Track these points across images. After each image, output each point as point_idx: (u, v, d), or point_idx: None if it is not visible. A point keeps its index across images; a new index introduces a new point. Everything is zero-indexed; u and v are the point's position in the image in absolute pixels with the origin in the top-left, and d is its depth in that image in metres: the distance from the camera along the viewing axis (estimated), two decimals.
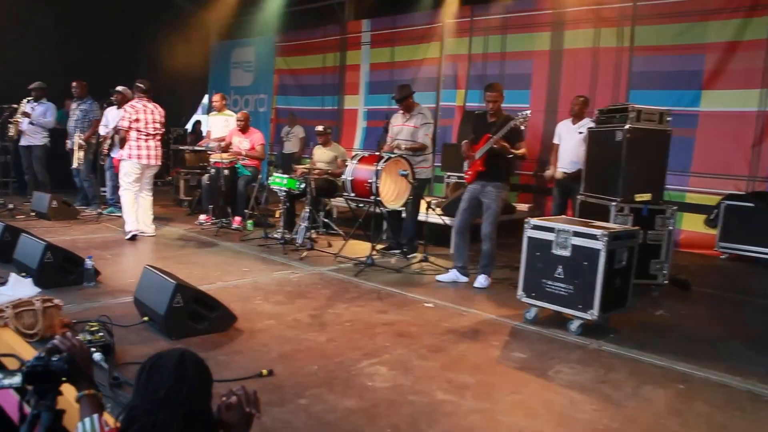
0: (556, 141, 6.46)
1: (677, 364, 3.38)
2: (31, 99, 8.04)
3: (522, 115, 4.83)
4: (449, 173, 8.23)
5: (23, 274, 4.01)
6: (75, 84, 7.97)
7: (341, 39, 11.11)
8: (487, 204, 4.96)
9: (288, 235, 6.34)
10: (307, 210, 6.21)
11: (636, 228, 4.20)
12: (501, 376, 3.13)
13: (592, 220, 4.26)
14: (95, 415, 1.55)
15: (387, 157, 5.67)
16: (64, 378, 1.53)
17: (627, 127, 4.80)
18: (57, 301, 3.32)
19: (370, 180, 5.58)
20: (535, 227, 4.04)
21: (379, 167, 5.50)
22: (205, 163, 8.40)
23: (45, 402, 1.48)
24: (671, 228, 4.98)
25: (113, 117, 7.39)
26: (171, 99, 10.17)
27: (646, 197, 4.94)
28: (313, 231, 6.47)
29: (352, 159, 6.15)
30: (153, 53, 10.44)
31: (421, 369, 3.16)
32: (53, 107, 8.25)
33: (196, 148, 9.31)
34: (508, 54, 8.60)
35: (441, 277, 5.18)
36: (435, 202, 6.60)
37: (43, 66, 9.06)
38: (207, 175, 7.47)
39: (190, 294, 3.44)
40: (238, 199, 7.22)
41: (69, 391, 1.58)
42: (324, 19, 11.45)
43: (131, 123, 6.17)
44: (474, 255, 5.35)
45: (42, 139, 8.14)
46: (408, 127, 6.01)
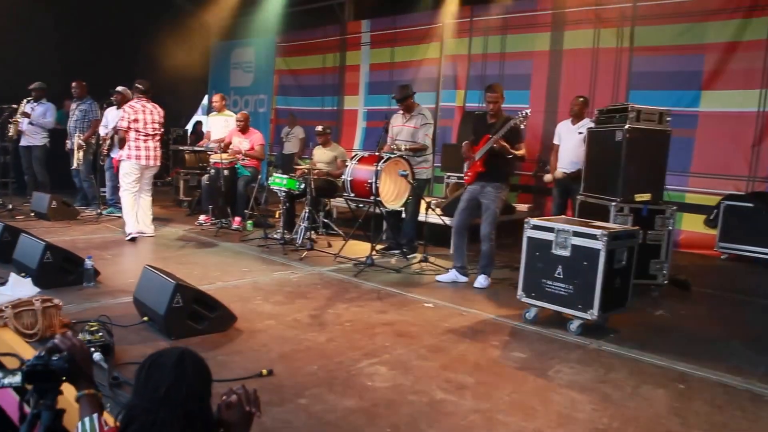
0: (556, 141, 6.46)
1: (677, 363, 3.38)
2: (31, 99, 8.03)
3: (521, 114, 4.83)
4: (449, 173, 8.24)
5: (23, 274, 4.00)
6: (74, 84, 7.97)
7: (341, 39, 11.11)
8: (486, 204, 4.96)
9: (288, 236, 6.35)
10: (307, 210, 6.21)
11: (636, 228, 4.21)
12: (501, 375, 3.13)
13: (591, 220, 4.26)
14: (95, 415, 1.55)
15: (387, 158, 5.67)
16: (64, 377, 1.52)
17: (627, 127, 4.80)
18: (56, 301, 3.32)
19: (369, 180, 5.58)
20: (535, 227, 4.04)
21: (379, 167, 5.50)
22: (205, 164, 8.42)
23: (45, 401, 1.47)
24: (671, 228, 4.99)
25: (113, 117, 7.39)
26: (171, 99, 10.17)
27: (645, 197, 4.95)
28: (313, 231, 6.47)
29: (351, 159, 6.16)
30: (153, 53, 10.44)
31: (421, 369, 3.16)
32: (53, 107, 8.25)
33: (195, 148, 9.32)
34: (507, 54, 8.60)
35: (441, 278, 5.18)
36: (435, 202, 6.60)
37: (43, 66, 9.06)
38: (207, 176, 7.48)
39: (189, 294, 3.44)
40: (237, 200, 7.22)
41: (69, 391, 1.58)
42: (324, 20, 11.45)
43: (130, 123, 6.17)
44: (474, 255, 5.35)
45: (42, 140, 8.14)
46: (408, 128, 6.01)
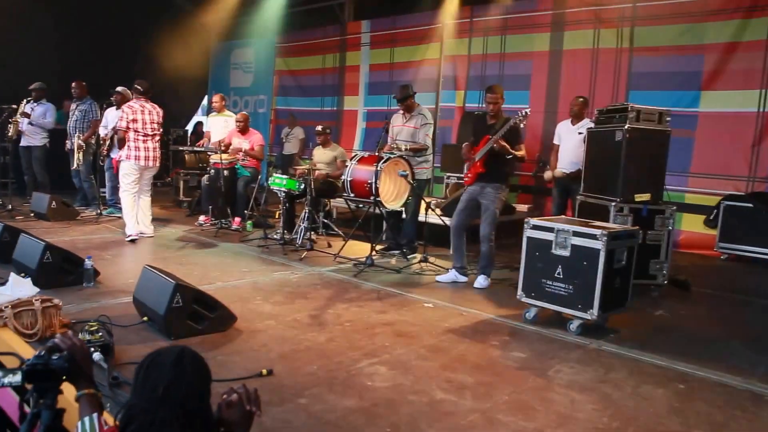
0: (556, 141, 6.46)
1: (677, 363, 3.38)
2: (31, 99, 8.03)
3: (521, 114, 4.83)
4: (449, 174, 8.24)
5: (22, 274, 3.99)
6: (74, 84, 7.96)
7: (341, 40, 11.11)
8: (486, 205, 4.95)
9: (287, 236, 6.35)
10: (307, 210, 6.21)
11: (635, 228, 4.21)
12: (501, 375, 3.13)
13: (591, 220, 4.26)
14: (94, 414, 1.55)
15: (386, 158, 5.67)
16: (64, 377, 1.52)
17: (626, 127, 4.81)
18: (56, 301, 3.32)
19: (369, 180, 5.58)
20: (535, 227, 4.04)
21: (379, 168, 5.50)
22: (205, 164, 8.42)
23: (45, 401, 1.47)
24: (671, 228, 4.99)
25: (113, 118, 7.39)
26: (171, 100, 10.19)
27: (645, 197, 4.95)
28: (313, 232, 6.47)
29: (351, 159, 6.16)
30: (153, 54, 10.45)
31: (421, 369, 3.16)
32: (53, 108, 8.24)
33: (195, 148, 9.32)
34: (507, 55, 8.60)
35: (440, 278, 5.18)
36: (434, 202, 6.60)
37: (43, 66, 9.07)
38: (206, 176, 7.48)
39: (189, 294, 3.44)
40: (237, 200, 7.22)
41: (69, 391, 1.58)
42: (324, 20, 11.45)
43: (129, 123, 6.17)
44: (474, 256, 5.35)
45: (41, 140, 8.14)
46: (408, 128, 6.01)
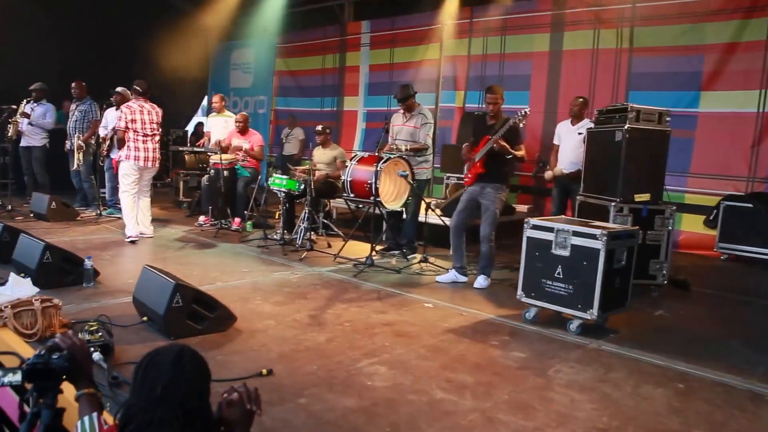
0: (555, 142, 6.46)
1: (677, 363, 3.38)
2: (31, 100, 8.03)
3: (520, 113, 4.83)
4: (449, 174, 8.24)
5: (22, 274, 3.99)
6: (74, 85, 7.97)
7: (341, 40, 11.11)
8: (486, 205, 4.95)
9: (287, 236, 6.34)
10: (307, 211, 6.21)
11: (635, 228, 4.21)
12: (500, 375, 3.13)
13: (591, 220, 4.26)
14: (94, 414, 1.55)
15: (386, 158, 5.67)
16: (64, 376, 1.52)
17: (626, 127, 4.80)
18: (56, 301, 3.32)
19: (369, 181, 5.58)
20: (535, 227, 4.04)
21: (379, 168, 5.50)
22: (205, 165, 8.42)
23: (45, 400, 1.47)
24: (670, 228, 4.99)
25: (112, 118, 7.38)
26: (171, 100, 10.19)
27: (645, 197, 4.95)
28: (313, 232, 6.47)
29: (351, 160, 6.16)
30: (152, 54, 10.45)
31: (421, 368, 3.16)
32: (53, 108, 8.24)
33: (195, 149, 9.32)
34: (507, 55, 8.60)
35: (440, 278, 5.18)
36: (434, 203, 6.60)
37: (43, 66, 9.06)
38: (206, 177, 7.48)
39: (189, 294, 3.43)
40: (237, 201, 7.22)
41: (68, 390, 1.58)
42: (323, 21, 11.45)
43: (128, 123, 6.17)
44: (474, 256, 5.35)
45: (41, 140, 8.13)
46: (408, 127, 6.01)
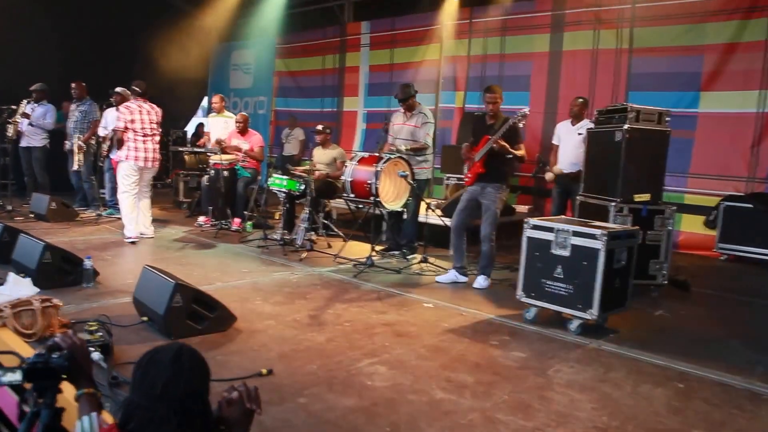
0: (555, 142, 6.46)
1: (676, 363, 3.38)
2: (31, 100, 8.03)
3: (520, 113, 4.82)
4: (449, 175, 8.24)
5: (22, 274, 3.99)
6: (74, 85, 7.96)
7: (341, 41, 11.11)
8: (487, 205, 4.96)
9: (287, 237, 6.34)
10: (307, 211, 6.21)
11: (635, 228, 4.21)
12: (500, 375, 3.13)
13: (591, 220, 4.26)
14: (94, 414, 1.54)
15: (386, 158, 5.67)
16: (64, 375, 1.52)
17: (626, 128, 4.81)
18: (56, 301, 3.32)
19: (369, 181, 5.58)
20: (535, 227, 4.05)
21: (379, 168, 5.50)
22: (205, 165, 8.41)
23: (45, 400, 1.47)
24: (670, 228, 4.99)
25: (112, 118, 7.37)
26: (171, 101, 10.17)
27: (645, 197, 4.95)
28: (313, 232, 6.47)
29: (351, 160, 6.16)
30: (152, 55, 10.44)
31: (421, 368, 3.16)
32: (53, 109, 8.23)
33: (195, 149, 9.31)
34: (507, 56, 8.60)
35: (440, 278, 5.18)
36: (434, 203, 6.60)
37: (43, 66, 9.06)
38: (206, 177, 7.47)
39: (189, 293, 3.44)
40: (237, 201, 7.22)
41: (68, 390, 1.58)
42: (323, 21, 11.46)
43: (127, 124, 6.17)
44: (474, 257, 5.35)
45: (41, 141, 8.13)
46: (408, 127, 6.02)
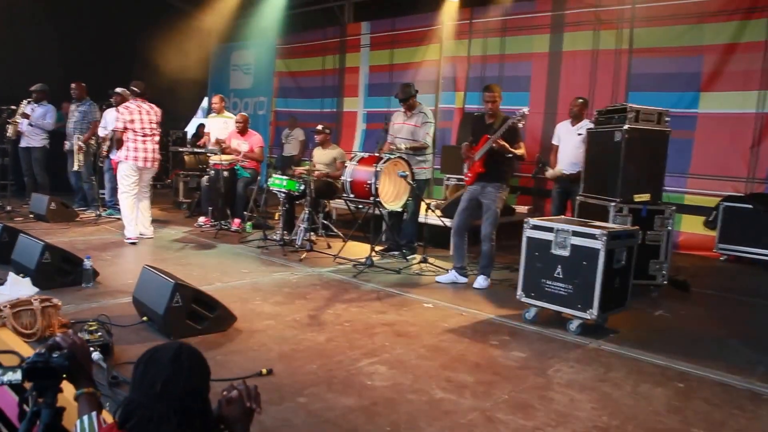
0: (555, 142, 6.46)
1: (676, 363, 3.38)
2: (31, 100, 8.02)
3: (519, 113, 4.83)
4: (448, 175, 8.24)
5: (21, 274, 3.99)
6: (74, 85, 7.96)
7: (341, 41, 11.11)
8: (487, 205, 4.96)
9: (287, 237, 6.34)
10: (307, 211, 6.21)
11: (635, 228, 4.21)
12: (500, 375, 3.13)
13: (591, 220, 4.26)
14: (93, 413, 1.54)
15: (386, 158, 5.67)
16: (64, 375, 1.52)
17: (626, 128, 4.81)
18: (55, 301, 3.32)
19: (369, 181, 5.58)
20: (535, 227, 4.05)
21: (378, 168, 5.50)
22: (204, 165, 8.41)
23: (45, 399, 1.47)
24: (670, 228, 4.99)
25: (112, 119, 7.37)
26: (170, 101, 10.18)
27: (644, 197, 4.95)
28: (312, 233, 6.47)
29: (351, 160, 6.16)
30: (153, 55, 10.45)
31: (420, 368, 3.16)
32: (53, 109, 8.23)
33: (195, 149, 9.31)
34: (507, 56, 8.60)
35: (440, 278, 5.18)
36: (434, 204, 6.59)
37: (43, 67, 9.06)
38: (206, 177, 7.48)
39: (189, 293, 3.43)
40: (237, 201, 7.22)
41: (68, 390, 1.58)
42: (323, 22, 11.46)
43: (126, 124, 6.16)
44: (474, 257, 5.35)
45: (41, 141, 8.13)
46: (408, 126, 6.02)
